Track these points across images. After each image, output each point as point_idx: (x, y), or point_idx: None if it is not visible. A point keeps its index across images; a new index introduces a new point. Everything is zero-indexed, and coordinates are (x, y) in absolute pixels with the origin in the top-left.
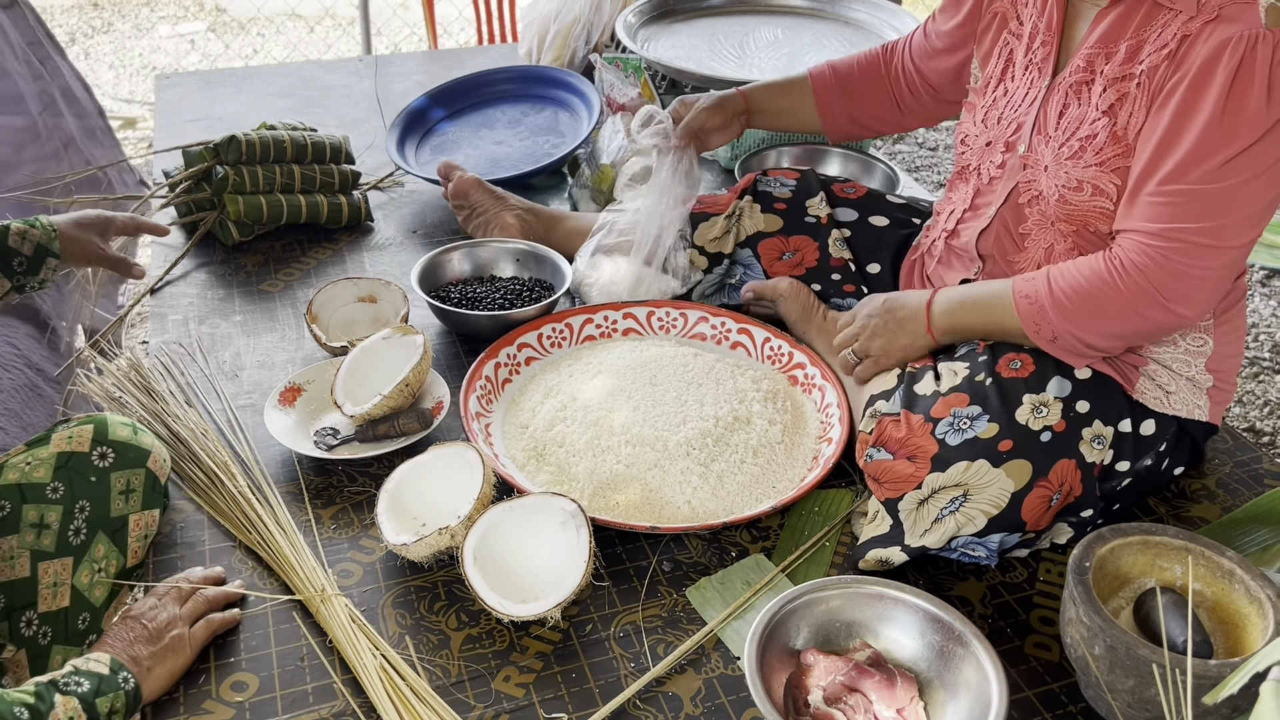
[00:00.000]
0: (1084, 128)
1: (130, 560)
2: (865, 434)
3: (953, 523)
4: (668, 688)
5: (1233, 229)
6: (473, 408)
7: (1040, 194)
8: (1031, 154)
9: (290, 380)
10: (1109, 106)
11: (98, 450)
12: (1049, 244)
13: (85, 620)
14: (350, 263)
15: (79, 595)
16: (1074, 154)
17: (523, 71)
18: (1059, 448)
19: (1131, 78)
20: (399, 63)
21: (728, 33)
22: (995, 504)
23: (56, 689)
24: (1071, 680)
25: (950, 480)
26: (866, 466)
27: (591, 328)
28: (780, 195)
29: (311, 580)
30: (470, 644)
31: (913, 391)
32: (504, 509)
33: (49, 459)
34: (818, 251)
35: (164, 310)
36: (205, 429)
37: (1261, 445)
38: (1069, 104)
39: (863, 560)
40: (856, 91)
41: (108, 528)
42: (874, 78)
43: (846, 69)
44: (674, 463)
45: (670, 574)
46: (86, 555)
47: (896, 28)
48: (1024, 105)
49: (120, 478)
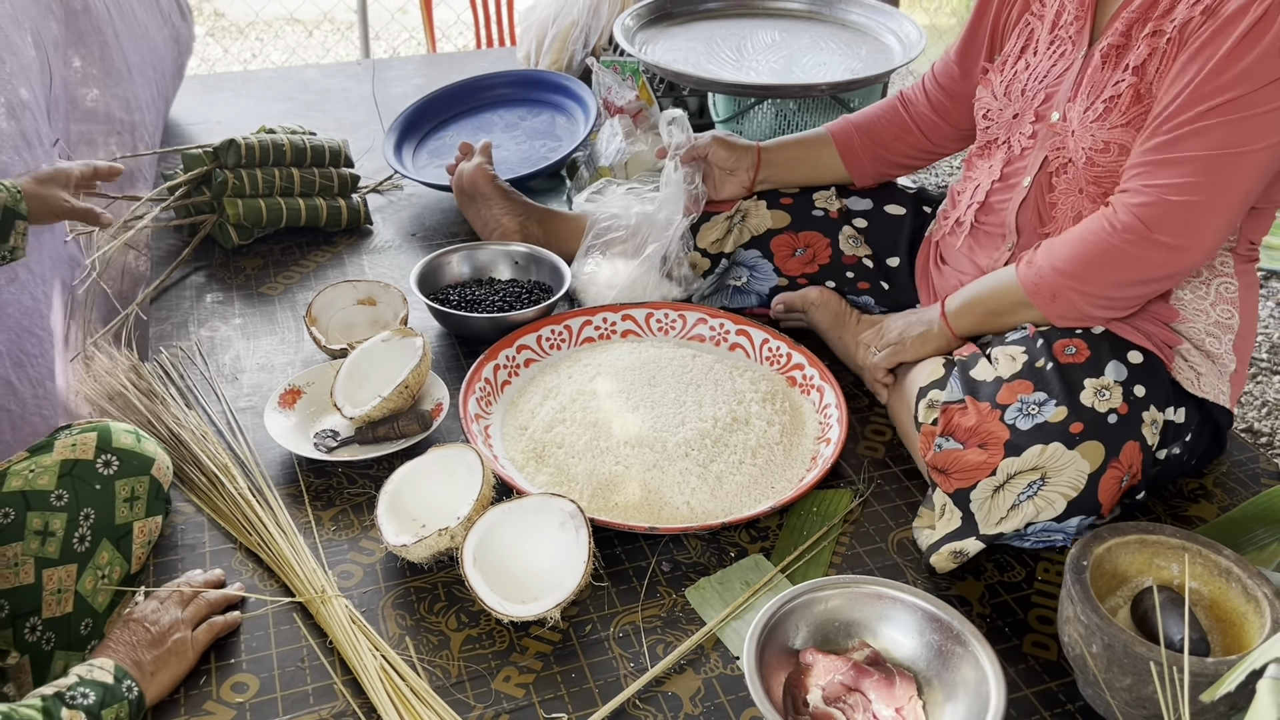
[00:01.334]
0: (1108, 89)
1: (135, 567)
2: (929, 425)
3: (1031, 508)
4: (667, 688)
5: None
6: (472, 409)
7: (1069, 160)
8: (1066, 122)
9: (290, 383)
10: (1140, 64)
11: (102, 458)
12: (1076, 212)
13: (88, 626)
14: (349, 266)
15: (82, 601)
16: (1099, 116)
17: (520, 76)
18: (1125, 429)
19: (1162, 33)
20: (397, 66)
21: (725, 36)
22: (1074, 486)
23: (63, 703)
24: (1069, 679)
25: (1026, 464)
26: (934, 459)
27: (590, 329)
28: (786, 191)
29: (312, 582)
30: (470, 644)
31: (970, 378)
32: (503, 510)
33: (52, 466)
34: (829, 248)
35: (163, 313)
36: (205, 432)
37: (1259, 446)
38: (1101, 69)
39: (935, 556)
40: (881, 135)
41: (112, 535)
42: (895, 120)
43: (866, 118)
44: (673, 463)
45: (669, 574)
46: (91, 562)
47: (894, 30)
48: (1051, 76)
49: (125, 485)
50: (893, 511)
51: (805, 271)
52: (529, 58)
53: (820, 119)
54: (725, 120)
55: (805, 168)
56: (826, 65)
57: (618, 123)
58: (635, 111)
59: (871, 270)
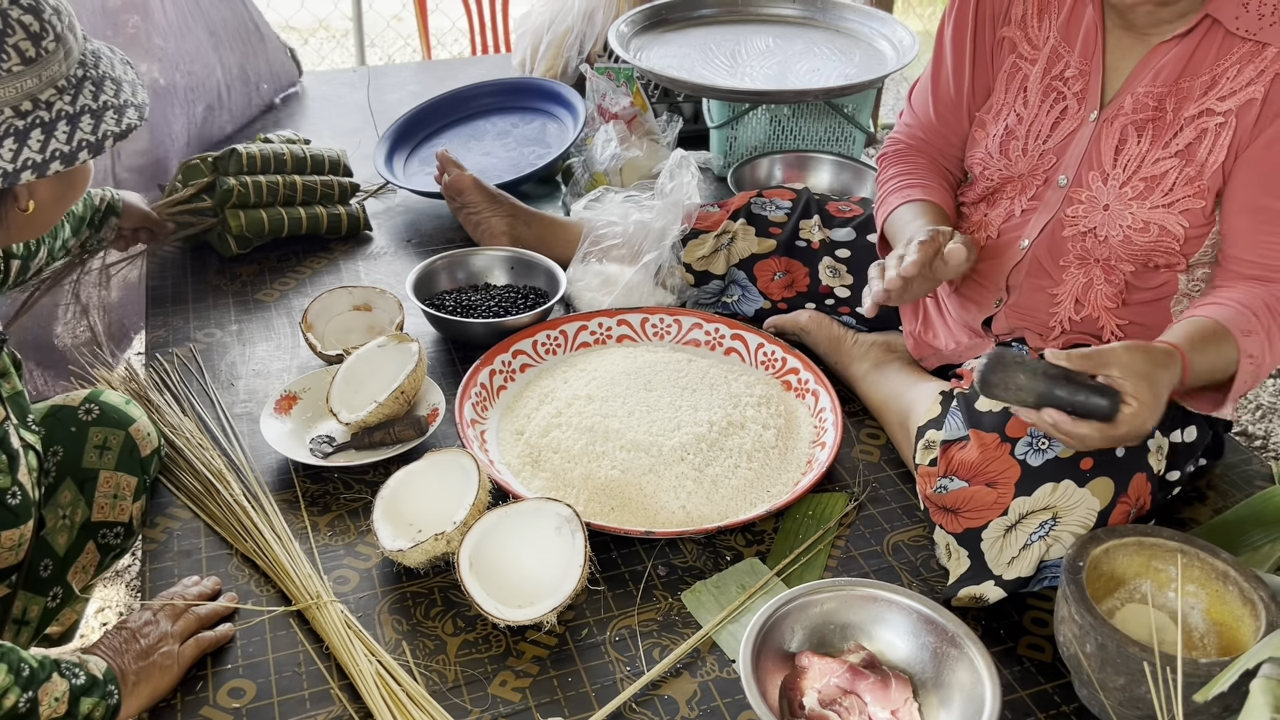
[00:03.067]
0: (1147, 166)
1: (96, 514)
2: (926, 467)
3: (1041, 548)
4: (663, 691)
5: None
6: (468, 414)
7: (1091, 230)
8: (1083, 189)
9: (286, 388)
10: (1185, 147)
11: (85, 406)
12: (1088, 279)
13: (48, 568)
14: (345, 272)
15: (43, 540)
16: (1139, 194)
17: (512, 83)
18: (1133, 461)
19: (1211, 114)
20: (393, 74)
21: (720, 42)
22: (1084, 524)
23: (57, 669)
24: (1065, 680)
25: (1038, 504)
26: (940, 499)
27: (586, 334)
28: (775, 219)
29: (307, 587)
30: (466, 649)
31: (975, 410)
32: (499, 514)
33: (42, 409)
34: (808, 277)
35: (160, 320)
36: (202, 439)
37: (1253, 449)
38: (1126, 139)
39: (955, 599)
40: (934, 174)
41: (77, 476)
42: (929, 163)
43: (907, 175)
44: (669, 467)
45: (665, 578)
46: (53, 500)
47: (887, 36)
48: (1056, 136)
49: (99, 433)
50: (887, 515)
51: (785, 296)
52: (524, 64)
53: (815, 124)
54: (720, 126)
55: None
56: (820, 71)
57: (612, 128)
58: (630, 117)
59: (849, 298)
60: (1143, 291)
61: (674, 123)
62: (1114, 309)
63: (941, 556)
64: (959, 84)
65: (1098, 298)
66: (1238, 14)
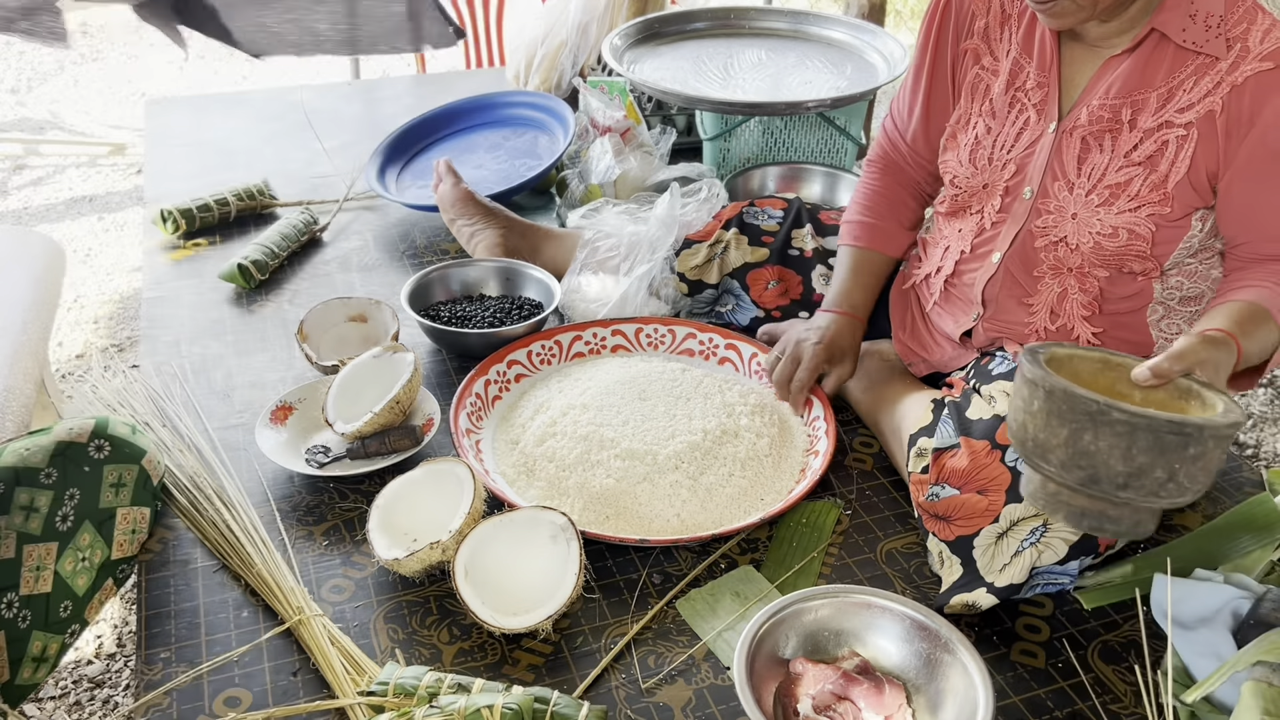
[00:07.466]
0: (1111, 175)
1: (115, 553)
2: (918, 474)
3: (1033, 554)
4: (658, 698)
5: None
6: (463, 424)
7: (1063, 240)
8: (1050, 199)
9: (281, 399)
10: (1147, 158)
11: (95, 443)
12: (1062, 289)
13: (67, 609)
14: (340, 283)
15: (61, 582)
16: (1105, 201)
17: (505, 97)
18: None
19: (1171, 125)
20: (388, 86)
21: (712, 55)
22: (1075, 532)
23: None
24: (1057, 686)
25: (1029, 511)
26: (932, 506)
27: (580, 344)
28: (767, 229)
29: (290, 601)
30: (462, 657)
31: (965, 418)
32: (495, 523)
33: (48, 446)
34: (801, 284)
35: (155, 332)
36: (197, 449)
37: (1244, 456)
38: (1089, 150)
39: (947, 606)
40: (897, 207)
41: (95, 518)
42: (893, 193)
43: (870, 207)
44: (663, 476)
45: (660, 586)
46: (71, 543)
47: (879, 49)
48: (1019, 147)
49: (113, 470)
50: (881, 523)
51: (779, 304)
52: (518, 78)
53: (807, 136)
54: (713, 138)
55: (879, 281)
56: (813, 83)
57: (607, 141)
58: (623, 130)
59: None
60: (1117, 301)
61: (667, 135)
62: (1089, 317)
63: (934, 564)
64: (916, 97)
65: (1073, 307)
66: (1184, 26)
